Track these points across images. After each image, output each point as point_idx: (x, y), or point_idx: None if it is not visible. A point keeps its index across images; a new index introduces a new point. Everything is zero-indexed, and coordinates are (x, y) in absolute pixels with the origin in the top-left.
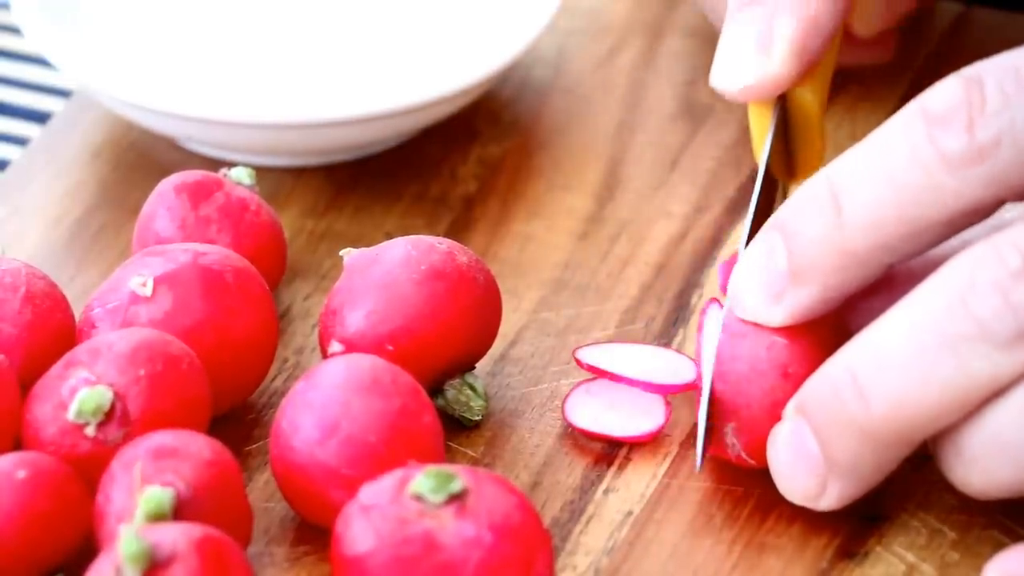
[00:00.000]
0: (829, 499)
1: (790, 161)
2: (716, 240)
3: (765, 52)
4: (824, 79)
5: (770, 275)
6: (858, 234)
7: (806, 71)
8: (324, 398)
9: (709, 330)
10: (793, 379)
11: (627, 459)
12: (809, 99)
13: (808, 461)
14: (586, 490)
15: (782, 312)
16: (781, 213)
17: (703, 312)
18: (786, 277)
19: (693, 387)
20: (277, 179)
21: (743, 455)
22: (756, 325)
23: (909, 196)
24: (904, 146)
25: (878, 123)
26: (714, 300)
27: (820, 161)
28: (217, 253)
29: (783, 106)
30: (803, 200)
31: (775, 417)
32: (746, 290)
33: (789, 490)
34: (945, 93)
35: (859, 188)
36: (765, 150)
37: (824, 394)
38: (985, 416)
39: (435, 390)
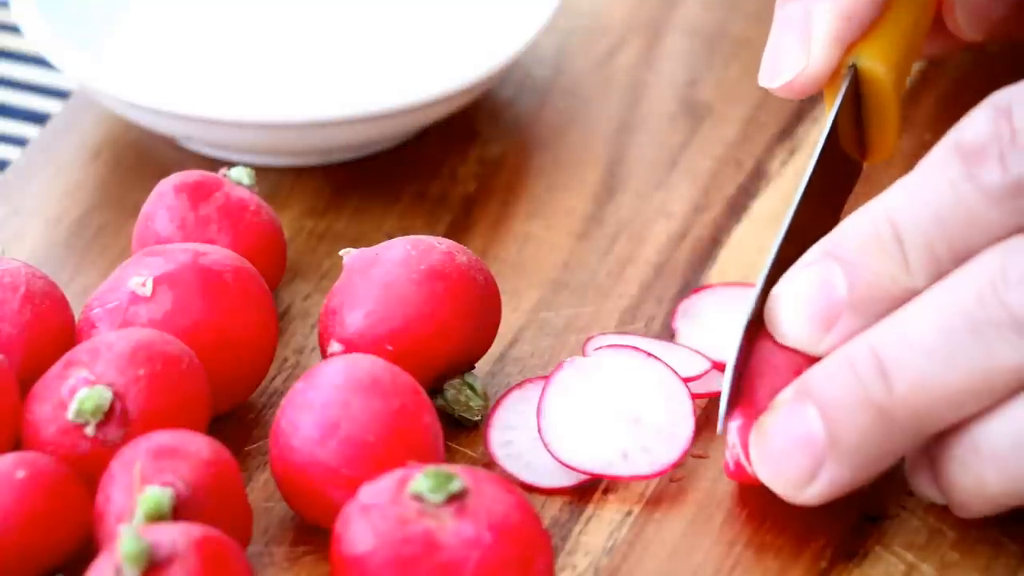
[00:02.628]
0: (818, 486)
1: (863, 138)
2: (716, 240)
3: (803, 48)
4: (903, 56)
5: (825, 304)
6: (920, 274)
7: (842, 60)
8: (324, 398)
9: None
10: None
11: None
12: (883, 74)
13: (807, 442)
14: (586, 489)
15: (830, 341)
16: (837, 242)
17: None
18: (844, 307)
19: (719, 367)
20: (277, 179)
21: (742, 459)
22: None
23: (959, 233)
24: (946, 185)
25: None
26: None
27: (894, 141)
28: (217, 253)
29: (855, 82)
30: (863, 234)
31: None
32: (795, 317)
33: (777, 475)
34: (976, 126)
35: (915, 229)
36: (826, 126)
37: (841, 372)
38: (1010, 410)
39: (435, 390)
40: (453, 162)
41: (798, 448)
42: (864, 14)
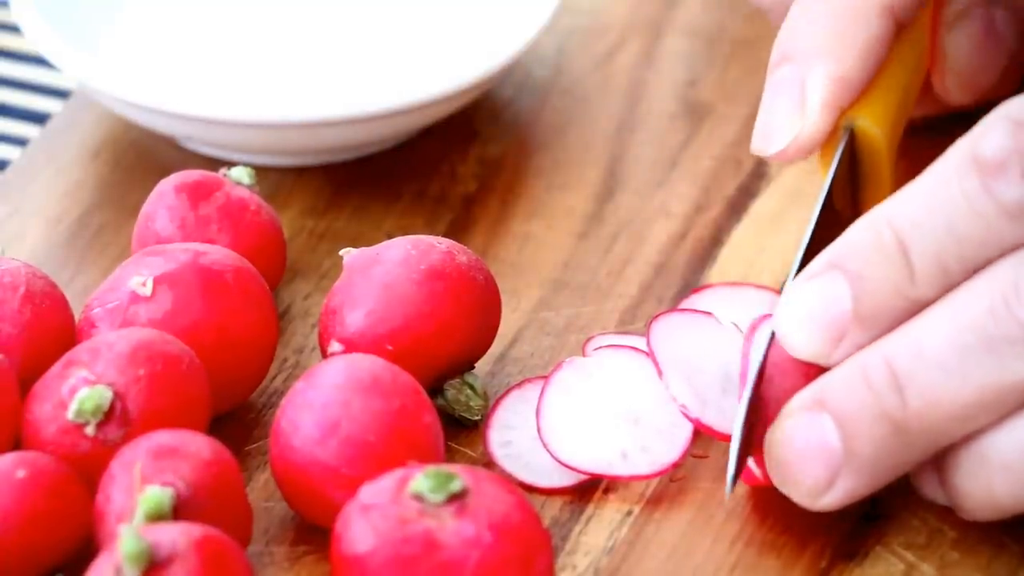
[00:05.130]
0: (834, 495)
1: (855, 195)
2: (716, 240)
3: (797, 113)
4: (897, 117)
5: (832, 317)
6: (927, 286)
7: (837, 123)
8: (324, 398)
9: (756, 349)
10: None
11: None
12: (878, 136)
13: (823, 453)
14: (586, 489)
15: (840, 355)
16: (840, 253)
17: (752, 329)
18: (850, 320)
19: None
20: (277, 179)
21: (750, 463)
22: None
23: (973, 246)
24: (961, 197)
25: None
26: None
27: (886, 197)
28: (217, 253)
29: (851, 140)
30: (866, 244)
31: None
32: (803, 330)
33: (793, 484)
34: (995, 140)
35: (924, 240)
36: (825, 185)
37: (856, 385)
38: (1019, 421)
39: (435, 390)
40: (453, 162)
41: (814, 458)
42: (859, 79)
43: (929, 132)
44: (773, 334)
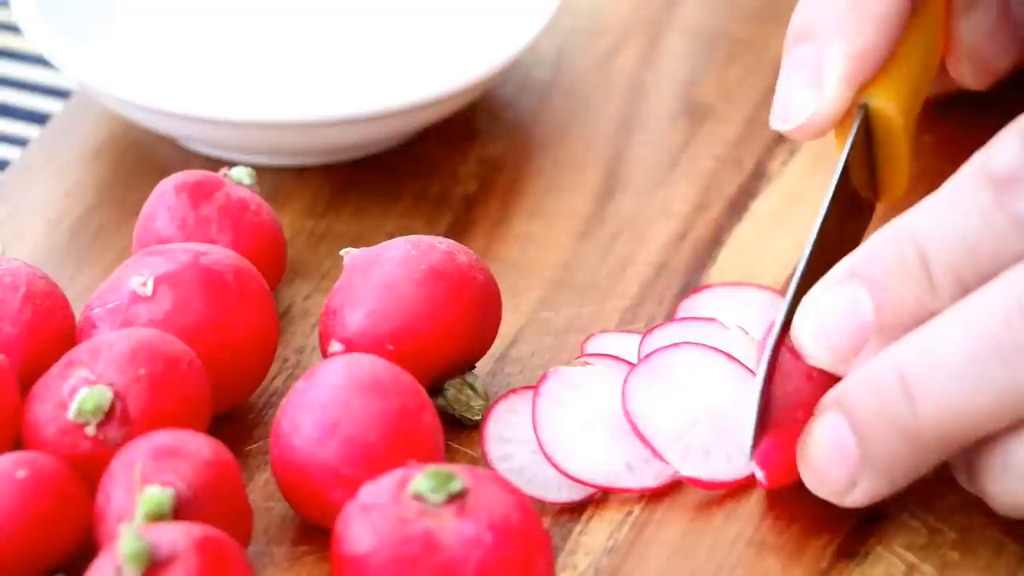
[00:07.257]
0: (858, 495)
1: (874, 179)
2: (716, 240)
3: (817, 88)
4: (913, 96)
5: (853, 327)
6: (946, 298)
7: (854, 100)
8: (324, 398)
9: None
10: (816, 383)
11: None
12: (893, 114)
13: (843, 455)
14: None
15: (858, 364)
16: (863, 263)
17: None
18: (871, 330)
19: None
20: (277, 179)
21: (754, 469)
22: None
23: (987, 259)
24: (974, 211)
25: None
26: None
27: (905, 180)
28: (217, 253)
29: (865, 122)
30: (889, 256)
31: (792, 420)
32: (821, 340)
33: (818, 482)
34: (1007, 155)
35: (942, 253)
36: (841, 162)
37: (868, 390)
38: None
39: (435, 390)
40: (453, 162)
41: (835, 459)
42: (876, 55)
43: (953, 108)
44: (780, 335)
